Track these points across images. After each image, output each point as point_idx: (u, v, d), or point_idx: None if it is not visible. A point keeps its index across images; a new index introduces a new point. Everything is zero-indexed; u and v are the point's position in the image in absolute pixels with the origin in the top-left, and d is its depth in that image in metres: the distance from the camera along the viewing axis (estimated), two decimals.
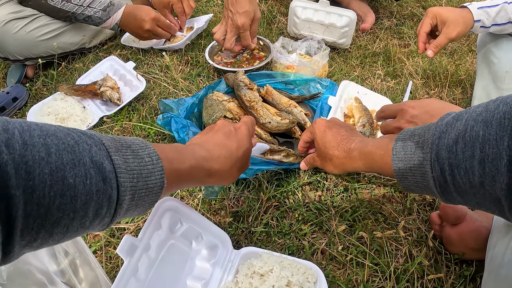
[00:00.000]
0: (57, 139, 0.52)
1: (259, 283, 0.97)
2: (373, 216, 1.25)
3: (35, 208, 0.47)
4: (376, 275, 1.11)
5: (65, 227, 0.52)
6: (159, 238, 0.98)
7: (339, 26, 1.93)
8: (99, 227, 0.60)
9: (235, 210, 1.25)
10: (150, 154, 0.67)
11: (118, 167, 0.59)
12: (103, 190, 0.56)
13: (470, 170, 0.60)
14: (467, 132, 0.61)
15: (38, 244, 0.51)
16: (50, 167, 0.49)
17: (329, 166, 1.06)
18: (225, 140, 0.92)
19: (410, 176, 0.77)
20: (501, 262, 0.89)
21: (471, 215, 1.12)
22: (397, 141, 0.81)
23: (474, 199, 0.63)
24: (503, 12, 1.41)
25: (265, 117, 1.41)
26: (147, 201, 0.67)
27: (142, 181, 0.64)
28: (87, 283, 0.94)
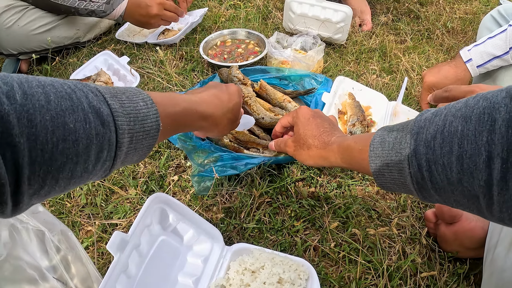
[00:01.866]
0: (54, 88, 0.54)
1: (250, 279, 0.97)
2: (366, 213, 1.24)
3: (40, 154, 0.49)
4: (369, 272, 1.10)
5: (69, 172, 0.54)
6: (150, 234, 0.98)
7: (335, 22, 1.92)
8: (101, 173, 0.62)
9: (227, 206, 1.25)
10: (144, 99, 0.69)
11: (115, 111, 0.60)
12: (103, 133, 0.57)
13: (448, 166, 0.59)
14: (446, 128, 0.60)
15: (46, 192, 0.52)
16: (51, 114, 0.50)
17: (303, 154, 1.03)
18: (216, 92, 0.98)
19: (387, 173, 0.74)
20: (504, 265, 0.88)
21: (466, 214, 1.11)
22: (375, 137, 0.78)
23: (452, 196, 0.62)
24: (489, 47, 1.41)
25: (258, 113, 1.40)
26: (145, 144, 0.68)
27: (138, 124, 0.65)
28: (78, 279, 0.94)
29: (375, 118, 1.56)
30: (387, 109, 1.58)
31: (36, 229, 0.89)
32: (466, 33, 2.28)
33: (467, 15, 2.46)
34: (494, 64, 1.38)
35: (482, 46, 1.40)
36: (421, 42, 2.16)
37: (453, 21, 2.36)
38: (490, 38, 1.40)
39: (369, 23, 2.21)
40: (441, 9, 2.50)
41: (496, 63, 1.38)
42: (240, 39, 2.02)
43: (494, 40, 1.39)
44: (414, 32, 2.24)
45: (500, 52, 1.36)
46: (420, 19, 2.38)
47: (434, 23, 2.33)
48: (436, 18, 2.38)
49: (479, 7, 2.56)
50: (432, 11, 2.47)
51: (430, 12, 2.45)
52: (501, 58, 1.37)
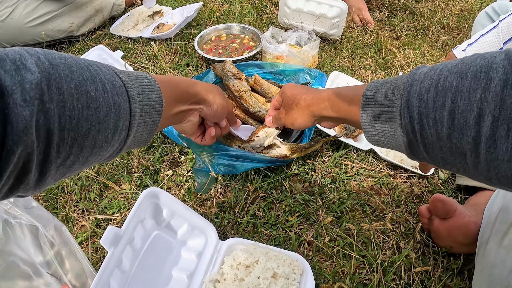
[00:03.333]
0: (73, 60, 0.56)
1: (244, 274, 0.97)
2: (360, 208, 1.24)
3: (68, 120, 0.51)
4: (363, 267, 1.10)
5: (93, 139, 0.56)
6: (143, 229, 0.97)
7: (330, 17, 1.92)
8: (117, 145, 0.64)
9: (222, 200, 1.24)
10: (148, 77, 0.73)
11: (126, 83, 0.64)
12: (118, 102, 0.60)
13: (439, 120, 0.58)
14: (440, 82, 0.59)
15: (70, 162, 0.55)
16: (75, 82, 0.53)
17: (293, 113, 1.01)
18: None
19: (377, 124, 0.73)
20: (494, 261, 0.89)
21: (460, 210, 1.11)
22: (368, 88, 0.76)
23: (440, 153, 0.61)
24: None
25: (254, 107, 1.40)
26: (152, 119, 0.72)
27: (146, 97, 0.69)
28: (72, 274, 0.94)
29: None
30: None
31: (29, 224, 0.89)
32: (461, 29, 2.28)
33: (462, 12, 2.47)
34: None
35: (476, 44, 1.40)
36: (416, 38, 2.16)
37: (448, 18, 2.36)
38: (482, 36, 1.40)
39: (371, 21, 2.21)
40: (436, 6, 2.51)
41: None
42: (235, 34, 2.01)
43: (486, 37, 1.38)
44: (409, 28, 2.24)
45: (494, 49, 1.36)
46: (416, 15, 2.38)
47: (430, 19, 2.34)
48: (431, 15, 2.39)
49: (474, 4, 2.57)
50: (428, 7, 2.48)
51: (426, 9, 2.46)
52: None
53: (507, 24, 1.33)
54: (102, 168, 1.33)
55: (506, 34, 1.33)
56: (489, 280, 0.88)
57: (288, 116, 1.04)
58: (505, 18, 1.35)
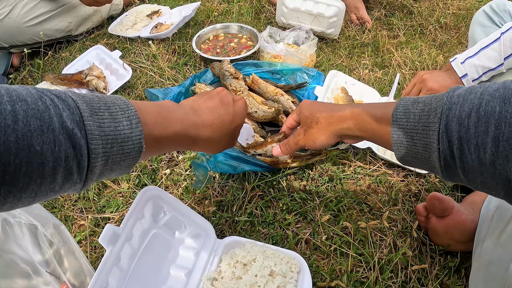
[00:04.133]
0: (26, 104, 0.51)
1: (242, 272, 0.97)
2: (358, 206, 1.25)
3: (1, 175, 0.47)
4: (360, 265, 1.11)
5: (33, 192, 0.52)
6: (142, 227, 0.98)
7: (328, 16, 1.93)
8: (71, 191, 0.59)
9: (219, 199, 1.25)
10: (130, 117, 0.64)
11: (90, 133, 0.57)
12: (73, 156, 0.54)
13: (481, 146, 0.57)
14: (482, 107, 0.57)
15: (8, 207, 0.51)
16: (16, 135, 0.48)
17: (314, 133, 0.95)
18: (221, 109, 0.88)
19: (410, 146, 0.70)
20: (491, 258, 0.89)
21: (457, 208, 1.12)
22: (398, 106, 0.74)
23: (480, 178, 0.59)
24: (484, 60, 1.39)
25: (251, 107, 1.40)
26: (124, 165, 0.65)
27: (117, 146, 0.61)
28: (71, 273, 0.95)
29: None
30: None
31: (28, 223, 0.90)
32: (459, 28, 2.29)
33: (460, 11, 2.47)
34: (488, 75, 1.37)
35: (476, 59, 1.38)
36: (414, 37, 2.17)
37: (446, 17, 2.37)
38: (483, 49, 1.38)
39: (369, 20, 2.21)
40: (434, 5, 2.52)
41: (490, 74, 1.37)
42: (233, 34, 2.02)
43: (487, 51, 1.36)
44: (407, 27, 2.24)
45: (494, 64, 1.35)
46: (413, 15, 2.39)
47: (427, 18, 2.35)
48: (429, 14, 2.39)
49: (472, 3, 2.57)
50: (426, 6, 2.49)
51: (423, 8, 2.46)
52: (495, 70, 1.36)
53: (510, 39, 1.32)
54: None
55: (509, 48, 1.32)
56: (486, 278, 0.89)
57: (308, 135, 0.97)
58: (508, 31, 1.33)
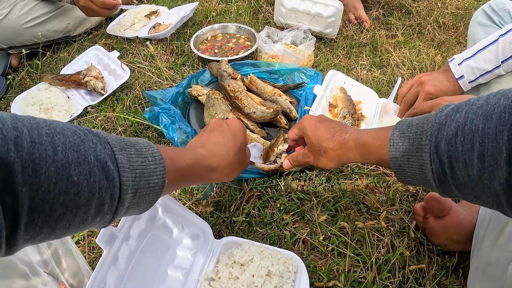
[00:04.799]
0: (64, 137, 0.53)
1: (239, 272, 0.97)
2: (355, 206, 1.25)
3: (40, 204, 0.49)
4: (358, 265, 1.11)
5: (67, 222, 0.54)
6: (139, 228, 0.98)
7: (326, 16, 1.93)
8: (100, 224, 0.62)
9: (217, 199, 1.25)
10: (153, 154, 0.69)
11: (121, 166, 0.60)
12: (106, 187, 0.57)
13: (469, 163, 0.59)
14: (467, 125, 0.60)
15: (41, 238, 0.52)
16: (56, 165, 0.50)
17: (323, 160, 1.02)
18: (220, 138, 0.94)
19: (407, 168, 0.74)
20: (489, 259, 0.89)
21: (455, 208, 1.12)
22: (394, 131, 0.78)
23: (472, 193, 0.62)
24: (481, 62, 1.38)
25: (249, 107, 1.40)
26: (148, 199, 0.68)
27: (144, 180, 0.65)
28: (69, 273, 0.94)
29: (365, 113, 1.57)
30: (377, 105, 1.59)
31: None
32: (457, 28, 2.29)
33: (459, 10, 2.47)
34: (486, 77, 1.37)
35: (473, 61, 1.37)
36: (412, 37, 2.17)
37: (444, 16, 2.37)
38: (480, 51, 1.37)
39: (367, 19, 2.21)
40: (432, 4, 2.51)
41: (487, 76, 1.37)
42: (231, 34, 2.02)
43: (485, 53, 1.35)
44: (405, 27, 2.24)
45: (491, 66, 1.34)
46: (412, 14, 2.39)
47: (426, 18, 2.35)
48: (427, 13, 2.39)
49: (471, 2, 2.57)
50: (424, 6, 2.48)
51: (422, 7, 2.46)
52: (492, 72, 1.36)
53: (510, 41, 1.31)
54: None
55: (508, 51, 1.31)
56: (484, 279, 0.89)
57: (318, 161, 1.04)
58: (507, 34, 1.32)
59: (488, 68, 1.34)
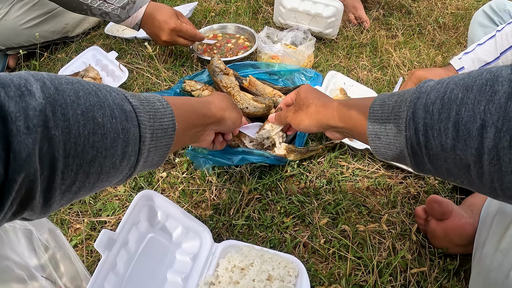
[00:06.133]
0: (81, 85, 0.56)
1: (239, 277, 0.97)
2: (356, 209, 1.24)
3: (73, 147, 0.51)
4: (359, 268, 1.11)
5: (99, 166, 0.56)
6: (138, 232, 0.98)
7: (326, 16, 1.92)
8: (126, 170, 0.64)
9: (216, 202, 1.25)
10: (160, 100, 0.74)
11: (136, 107, 0.64)
12: (127, 128, 0.60)
13: (444, 132, 0.59)
14: (447, 94, 0.60)
15: (76, 188, 0.54)
16: (81, 108, 0.53)
17: (301, 115, 1.03)
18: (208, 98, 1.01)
19: (383, 136, 0.74)
20: (491, 265, 0.89)
21: (457, 211, 1.11)
22: (376, 100, 0.78)
23: (444, 165, 0.62)
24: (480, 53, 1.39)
25: (242, 102, 1.40)
26: (164, 143, 0.72)
27: (157, 121, 0.69)
28: (67, 278, 0.95)
29: None
30: None
31: (23, 228, 0.90)
32: (457, 28, 2.29)
33: (459, 10, 2.47)
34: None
35: (472, 53, 1.39)
36: (412, 37, 2.17)
37: (444, 17, 2.37)
38: (479, 45, 1.39)
39: (367, 19, 2.21)
40: (432, 4, 2.52)
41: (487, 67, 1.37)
42: (230, 34, 2.01)
43: (484, 46, 1.37)
44: (405, 27, 2.24)
45: (491, 58, 1.35)
46: (412, 14, 2.39)
47: (426, 18, 2.35)
48: (427, 14, 2.39)
49: (471, 3, 2.58)
50: (424, 6, 2.49)
51: (422, 7, 2.46)
52: (491, 64, 1.35)
53: (506, 33, 1.32)
54: None
55: (505, 43, 1.33)
56: (486, 284, 0.89)
57: (295, 116, 1.06)
58: (504, 28, 1.34)
59: (488, 60, 1.35)
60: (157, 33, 1.65)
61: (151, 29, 1.66)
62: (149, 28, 1.66)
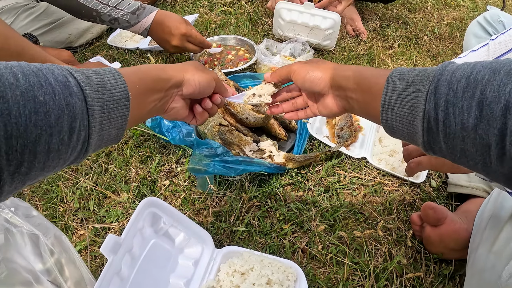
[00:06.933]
0: (21, 67, 0.56)
1: (240, 281, 0.99)
2: (353, 216, 1.27)
3: (15, 127, 0.51)
4: (356, 273, 1.13)
5: (46, 144, 0.56)
6: (142, 237, 1.00)
7: (324, 28, 1.96)
8: (80, 145, 0.63)
9: (217, 209, 1.28)
10: (111, 71, 0.71)
11: (82, 81, 0.62)
12: (72, 103, 0.59)
13: (466, 110, 0.58)
14: (473, 74, 0.59)
15: (26, 169, 0.55)
16: (20, 90, 0.53)
17: (311, 66, 0.91)
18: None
19: (397, 108, 0.70)
20: (484, 266, 0.91)
21: (451, 217, 1.14)
22: (394, 72, 0.74)
23: (461, 144, 0.60)
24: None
25: (242, 113, 1.43)
26: (118, 114, 0.70)
27: (107, 93, 0.67)
28: (72, 282, 0.96)
29: (362, 124, 1.60)
30: None
31: (30, 233, 0.91)
32: (453, 38, 2.33)
33: (455, 21, 2.51)
34: None
35: (465, 58, 1.42)
36: (409, 48, 2.20)
37: (440, 27, 2.41)
38: (472, 51, 1.42)
39: (364, 31, 2.25)
40: (429, 15, 2.56)
41: None
42: (231, 46, 2.05)
43: (476, 52, 1.40)
44: (402, 38, 2.28)
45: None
46: (408, 25, 2.43)
47: (422, 29, 2.39)
48: (424, 24, 2.44)
49: (466, 13, 2.62)
50: (420, 17, 2.53)
51: (418, 18, 2.51)
52: None
53: (499, 42, 1.35)
54: (101, 178, 1.36)
55: (498, 51, 1.35)
56: (479, 285, 0.91)
57: (303, 66, 0.93)
58: (497, 37, 1.37)
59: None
60: (167, 38, 1.69)
61: (161, 35, 1.70)
62: (158, 34, 1.70)
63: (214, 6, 2.46)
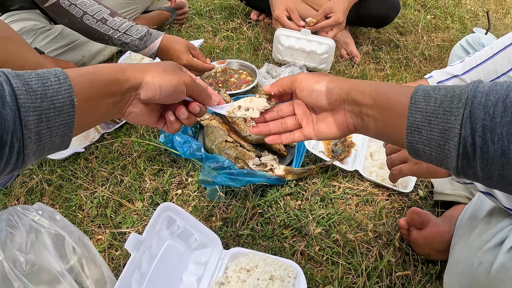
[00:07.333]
0: None
1: (246, 276, 1.10)
2: (347, 222, 1.39)
3: None
4: (350, 272, 1.24)
5: None
6: (159, 237, 1.10)
7: (319, 53, 2.08)
8: (15, 157, 0.59)
9: (225, 216, 1.38)
10: (57, 74, 0.64)
11: (17, 89, 0.57)
12: (4, 114, 0.55)
13: (506, 137, 0.54)
14: (509, 98, 0.55)
15: None
16: None
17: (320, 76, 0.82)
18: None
19: (425, 131, 0.64)
20: (459, 258, 0.99)
21: (434, 220, 1.25)
22: (417, 90, 0.67)
23: (499, 170, 0.57)
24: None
25: (246, 130, 1.56)
26: (60, 122, 0.64)
27: (47, 100, 0.61)
28: (92, 280, 1.05)
29: (354, 140, 1.72)
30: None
31: (56, 233, 1.02)
32: (442, 59, 2.45)
33: (444, 42, 2.63)
34: (453, 81, 1.52)
35: (443, 69, 1.56)
36: (399, 70, 2.31)
37: (430, 49, 2.53)
38: (450, 66, 1.55)
39: (358, 54, 2.35)
40: (419, 38, 2.67)
41: (455, 81, 1.51)
42: (234, 70, 2.16)
43: (453, 66, 1.53)
44: (393, 60, 2.39)
45: (458, 73, 1.50)
46: (400, 48, 2.53)
47: (412, 51, 2.49)
48: (414, 47, 2.54)
49: (456, 35, 2.73)
50: (411, 39, 2.64)
51: (409, 41, 2.61)
52: (459, 77, 1.50)
53: (474, 57, 1.48)
54: (117, 188, 1.47)
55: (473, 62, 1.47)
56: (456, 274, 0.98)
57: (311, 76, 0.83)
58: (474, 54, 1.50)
59: (455, 73, 1.51)
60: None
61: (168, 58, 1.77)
62: (164, 59, 1.78)
63: (217, 31, 2.56)
